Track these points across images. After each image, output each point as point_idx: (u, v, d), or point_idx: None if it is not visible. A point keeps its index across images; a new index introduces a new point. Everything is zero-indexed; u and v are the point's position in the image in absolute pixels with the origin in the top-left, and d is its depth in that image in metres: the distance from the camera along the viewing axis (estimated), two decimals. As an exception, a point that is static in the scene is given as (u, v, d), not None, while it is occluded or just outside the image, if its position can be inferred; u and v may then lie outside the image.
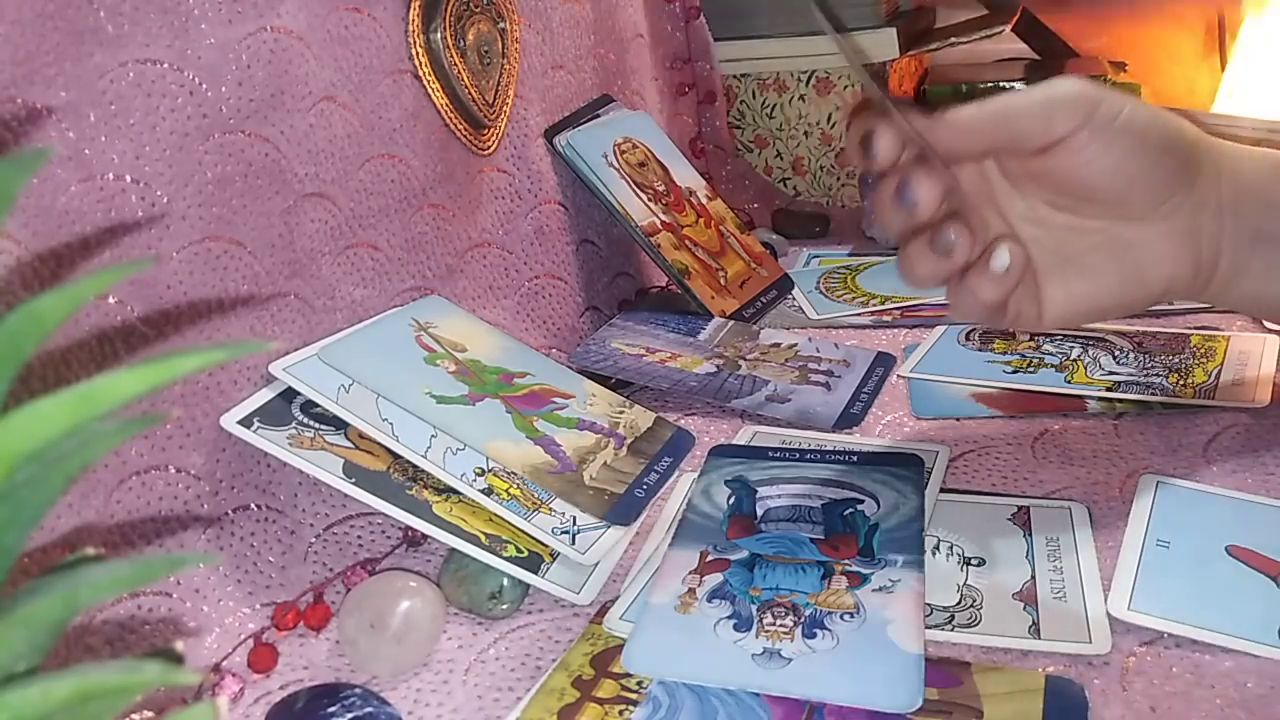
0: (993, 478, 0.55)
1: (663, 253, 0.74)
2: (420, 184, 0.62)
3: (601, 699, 0.41)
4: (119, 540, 0.44)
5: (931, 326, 0.72)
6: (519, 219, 0.71)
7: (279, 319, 0.53)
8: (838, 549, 0.48)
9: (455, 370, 0.57)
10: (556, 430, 0.56)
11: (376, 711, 0.40)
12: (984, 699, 0.40)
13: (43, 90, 0.43)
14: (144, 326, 0.46)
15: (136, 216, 0.46)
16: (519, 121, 0.71)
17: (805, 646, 0.42)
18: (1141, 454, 0.56)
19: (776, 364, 0.68)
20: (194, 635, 0.46)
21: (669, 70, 0.92)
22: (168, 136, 0.48)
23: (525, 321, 0.70)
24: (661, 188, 0.78)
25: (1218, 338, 0.65)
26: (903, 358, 0.69)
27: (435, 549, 0.53)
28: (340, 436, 0.51)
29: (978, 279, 0.45)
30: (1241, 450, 0.55)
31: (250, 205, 0.51)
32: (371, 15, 0.59)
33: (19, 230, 0.41)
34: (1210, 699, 0.39)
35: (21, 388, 0.38)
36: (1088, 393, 0.61)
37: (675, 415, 0.63)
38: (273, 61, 0.52)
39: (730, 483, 0.54)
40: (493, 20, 0.68)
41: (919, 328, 0.73)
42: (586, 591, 0.48)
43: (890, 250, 0.86)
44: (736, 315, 0.75)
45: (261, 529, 0.50)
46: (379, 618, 0.44)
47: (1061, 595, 0.45)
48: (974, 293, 0.45)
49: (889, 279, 0.81)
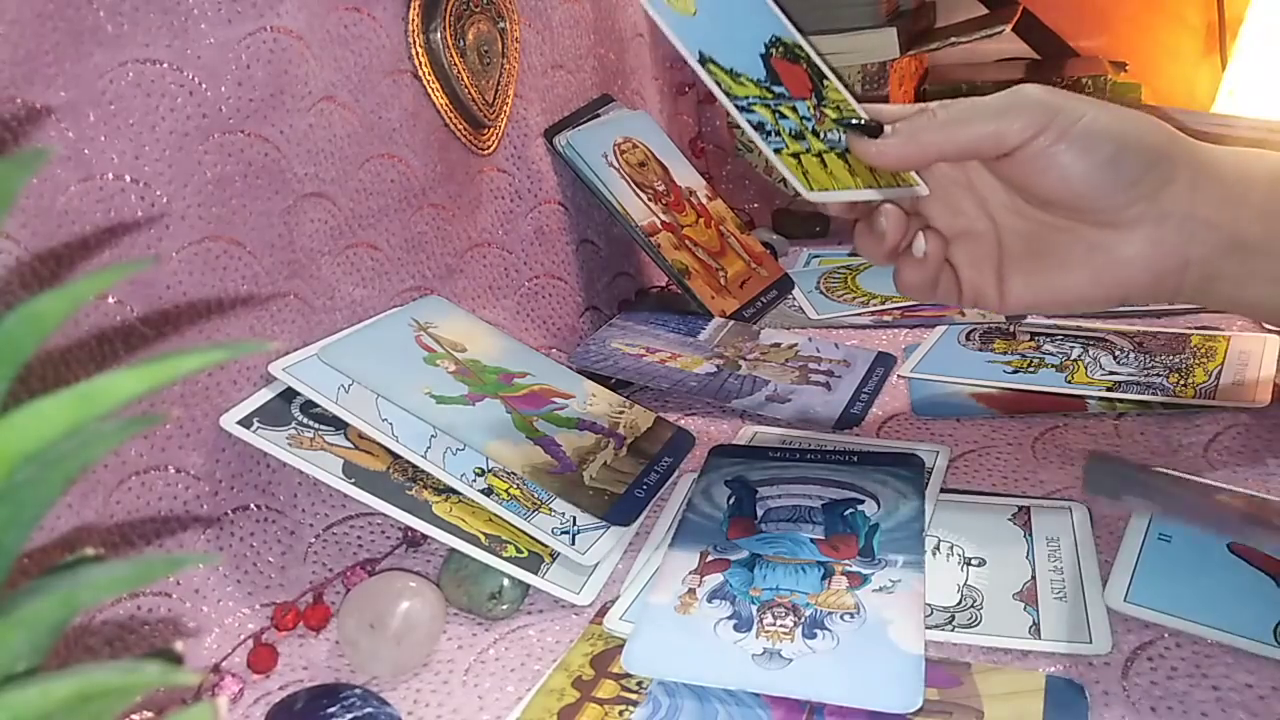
0: (993, 478, 0.55)
1: (663, 253, 0.74)
2: (420, 184, 0.62)
3: (601, 699, 0.41)
4: (119, 540, 0.44)
5: (932, 326, 0.72)
6: (519, 219, 0.71)
7: (279, 319, 0.53)
8: (838, 549, 0.48)
9: (455, 370, 0.56)
10: (556, 430, 0.56)
11: (376, 712, 0.40)
12: (984, 699, 0.40)
13: (43, 90, 0.43)
14: (144, 326, 0.46)
15: (136, 216, 0.46)
16: (519, 121, 0.71)
17: (805, 647, 0.42)
18: (1142, 454, 0.55)
19: (776, 364, 0.68)
20: (194, 635, 0.46)
21: (669, 70, 0.92)
22: (167, 136, 0.48)
23: (525, 321, 0.70)
24: (661, 188, 0.78)
25: (1218, 338, 0.65)
26: (903, 358, 0.69)
27: (435, 549, 0.53)
28: (340, 436, 0.51)
29: (904, 261, 0.51)
30: (1242, 450, 0.55)
31: (250, 205, 0.51)
32: (371, 15, 0.59)
33: (19, 230, 0.41)
34: (1211, 699, 0.39)
35: (21, 388, 0.38)
36: (1088, 393, 0.61)
37: (675, 415, 0.63)
38: (272, 61, 0.52)
39: (730, 483, 0.54)
40: (493, 20, 0.68)
41: (919, 328, 0.73)
42: (586, 592, 0.48)
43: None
44: (736, 315, 0.75)
45: (261, 529, 0.50)
46: (379, 618, 0.44)
47: (1062, 595, 0.45)
48: (901, 272, 0.51)
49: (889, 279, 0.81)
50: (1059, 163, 0.46)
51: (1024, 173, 0.47)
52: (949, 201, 0.52)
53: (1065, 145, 0.46)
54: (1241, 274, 0.47)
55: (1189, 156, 0.46)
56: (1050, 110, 0.46)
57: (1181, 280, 0.47)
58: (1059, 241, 0.49)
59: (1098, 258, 0.48)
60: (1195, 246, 0.46)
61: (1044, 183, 0.47)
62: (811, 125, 0.49)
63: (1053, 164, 0.46)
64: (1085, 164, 0.46)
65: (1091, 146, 0.46)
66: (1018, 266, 0.50)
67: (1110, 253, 0.47)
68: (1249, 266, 0.46)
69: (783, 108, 0.48)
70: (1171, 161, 0.46)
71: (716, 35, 0.48)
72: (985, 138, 0.46)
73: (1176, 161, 0.46)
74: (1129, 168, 0.46)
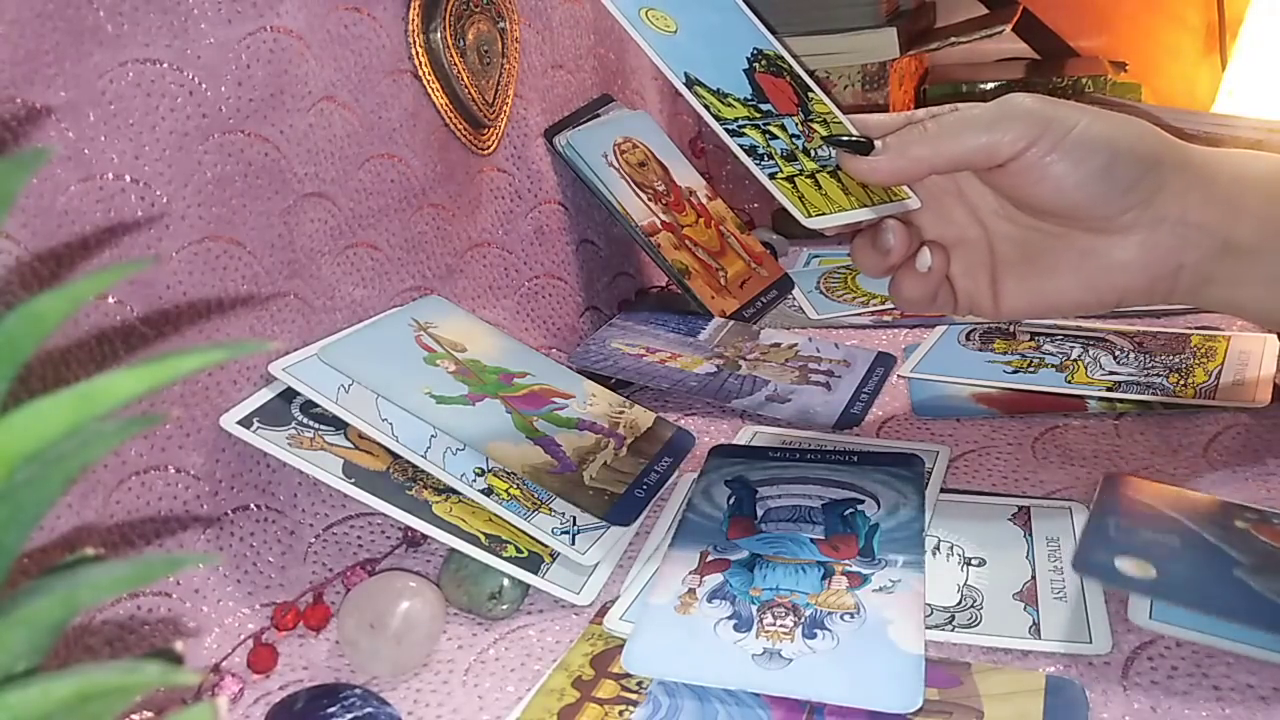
0: (993, 478, 0.55)
1: (663, 253, 0.74)
2: (420, 184, 0.62)
3: (601, 699, 0.41)
4: (119, 540, 0.44)
5: (932, 326, 0.72)
6: (519, 219, 0.71)
7: (279, 319, 0.53)
8: (838, 549, 0.48)
9: (455, 370, 0.56)
10: (556, 430, 0.56)
11: (376, 712, 0.40)
12: (984, 699, 0.40)
13: (43, 90, 0.43)
14: (144, 326, 0.46)
15: (136, 216, 0.46)
16: (519, 121, 0.71)
17: (805, 647, 0.42)
18: (1142, 454, 0.56)
19: (776, 364, 0.68)
20: (194, 635, 0.46)
21: (669, 70, 0.92)
22: (167, 136, 0.48)
23: (525, 321, 0.70)
24: (661, 187, 0.78)
25: (1218, 338, 0.65)
26: (903, 358, 0.69)
27: (435, 549, 0.53)
28: (340, 436, 0.51)
29: (905, 274, 0.51)
30: (1242, 450, 0.55)
31: (250, 205, 0.51)
32: (371, 15, 0.59)
33: (19, 230, 0.41)
34: (1211, 699, 0.39)
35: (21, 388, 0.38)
36: (1088, 393, 0.61)
37: (675, 415, 0.63)
38: (272, 61, 0.52)
39: (730, 483, 0.54)
40: (493, 20, 0.68)
41: (919, 328, 0.73)
42: (586, 591, 0.48)
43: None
44: (736, 315, 0.75)
45: (261, 529, 0.50)
46: (379, 618, 0.44)
47: (1062, 595, 0.45)
48: (902, 286, 0.51)
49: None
50: (1052, 173, 0.46)
51: (1017, 183, 0.47)
52: (940, 210, 0.52)
53: (1058, 156, 0.46)
54: (1234, 276, 0.47)
55: (1182, 161, 0.46)
56: (1042, 121, 0.46)
57: (1175, 283, 0.47)
58: (1052, 248, 0.49)
59: (1091, 263, 0.48)
60: (1189, 250, 0.46)
61: (1037, 193, 0.47)
62: (801, 143, 0.49)
63: (1046, 175, 0.46)
64: (1079, 174, 0.46)
65: (1085, 156, 0.46)
66: (1011, 273, 0.50)
67: (1104, 258, 0.48)
68: (1241, 269, 0.46)
69: (772, 126, 0.48)
70: (1164, 167, 0.46)
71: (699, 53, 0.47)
72: (977, 150, 0.46)
73: (1169, 166, 0.46)
74: (1123, 175, 0.46)
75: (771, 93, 0.50)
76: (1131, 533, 0.45)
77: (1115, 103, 0.84)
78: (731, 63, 0.49)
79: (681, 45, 0.47)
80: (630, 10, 0.46)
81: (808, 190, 0.47)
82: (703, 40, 0.48)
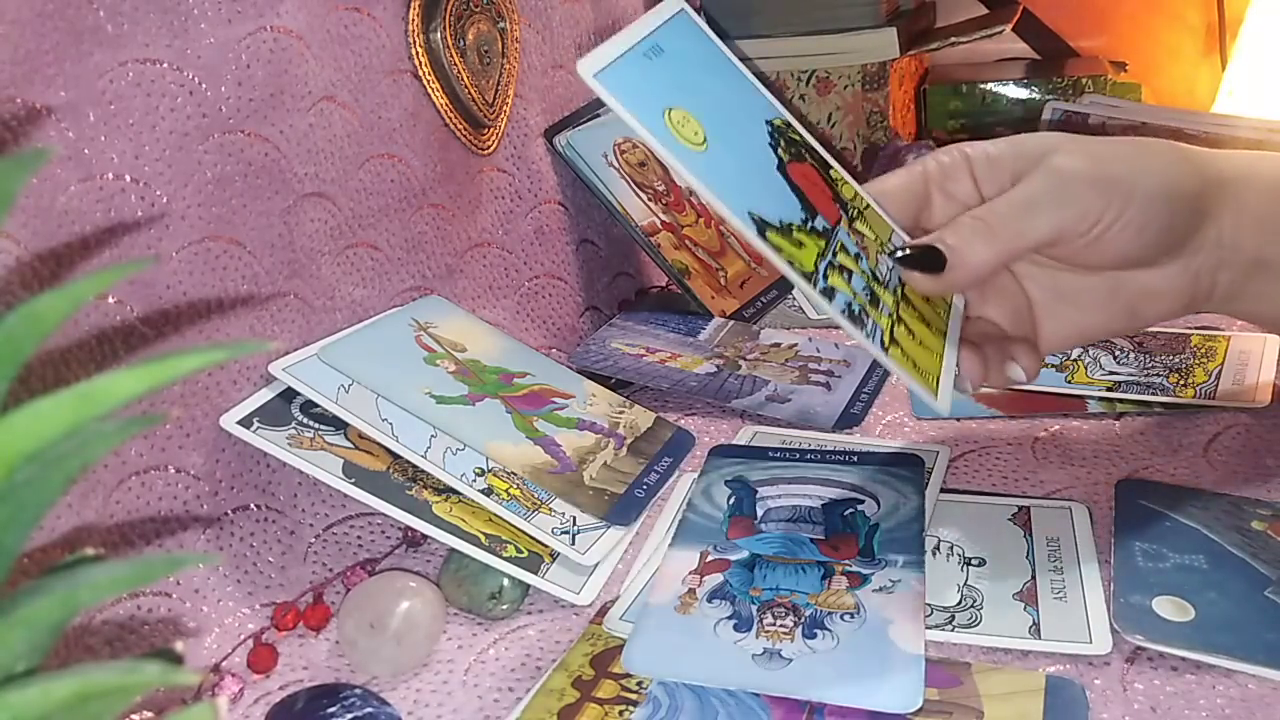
0: (993, 478, 0.55)
1: (663, 253, 0.74)
2: (420, 184, 0.62)
3: (601, 699, 0.41)
4: (119, 540, 0.44)
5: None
6: (519, 219, 0.71)
7: (279, 319, 0.53)
8: (838, 549, 0.48)
9: (455, 370, 0.56)
10: (556, 430, 0.56)
11: (376, 712, 0.40)
12: (984, 699, 0.40)
13: (43, 90, 0.43)
14: (144, 326, 0.46)
15: (136, 216, 0.46)
16: (519, 121, 0.71)
17: (805, 647, 0.42)
18: (1142, 454, 0.56)
19: (776, 364, 0.68)
20: (194, 635, 0.46)
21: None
22: (167, 136, 0.48)
23: (525, 321, 0.70)
24: (661, 187, 0.78)
25: (1218, 338, 0.65)
26: (903, 358, 0.69)
27: (435, 549, 0.53)
28: (340, 436, 0.51)
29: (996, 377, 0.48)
30: (1242, 450, 0.55)
31: (250, 205, 0.51)
32: (371, 15, 0.59)
33: (19, 230, 0.41)
34: (1212, 699, 0.39)
35: (21, 388, 0.38)
36: (1088, 393, 0.61)
37: (675, 415, 0.63)
38: (272, 61, 0.52)
39: (730, 483, 0.54)
40: (493, 20, 0.68)
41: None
42: (586, 592, 0.48)
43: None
44: (736, 315, 0.75)
45: (261, 529, 0.50)
46: (379, 618, 0.44)
47: (1062, 595, 0.45)
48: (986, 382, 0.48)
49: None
50: (1117, 241, 0.45)
51: (1072, 251, 0.46)
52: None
53: (1122, 225, 0.44)
54: (1261, 291, 0.47)
55: (1217, 183, 0.46)
56: (1103, 192, 0.44)
57: (1208, 299, 0.48)
58: (1089, 286, 0.48)
59: (1128, 293, 0.47)
60: (1223, 270, 0.47)
61: (1093, 255, 0.46)
62: (865, 264, 0.42)
63: (1110, 242, 0.45)
64: (1143, 237, 0.45)
65: (1149, 220, 0.45)
66: (1047, 313, 0.49)
67: (1142, 288, 0.47)
68: (1269, 285, 0.47)
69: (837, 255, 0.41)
70: (1206, 198, 0.46)
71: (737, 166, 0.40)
72: (1046, 238, 0.45)
73: (1209, 196, 0.46)
74: (1179, 224, 0.45)
75: (810, 192, 0.42)
76: (1159, 556, 0.46)
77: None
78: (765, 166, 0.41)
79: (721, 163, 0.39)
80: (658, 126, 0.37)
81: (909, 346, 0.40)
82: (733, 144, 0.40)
